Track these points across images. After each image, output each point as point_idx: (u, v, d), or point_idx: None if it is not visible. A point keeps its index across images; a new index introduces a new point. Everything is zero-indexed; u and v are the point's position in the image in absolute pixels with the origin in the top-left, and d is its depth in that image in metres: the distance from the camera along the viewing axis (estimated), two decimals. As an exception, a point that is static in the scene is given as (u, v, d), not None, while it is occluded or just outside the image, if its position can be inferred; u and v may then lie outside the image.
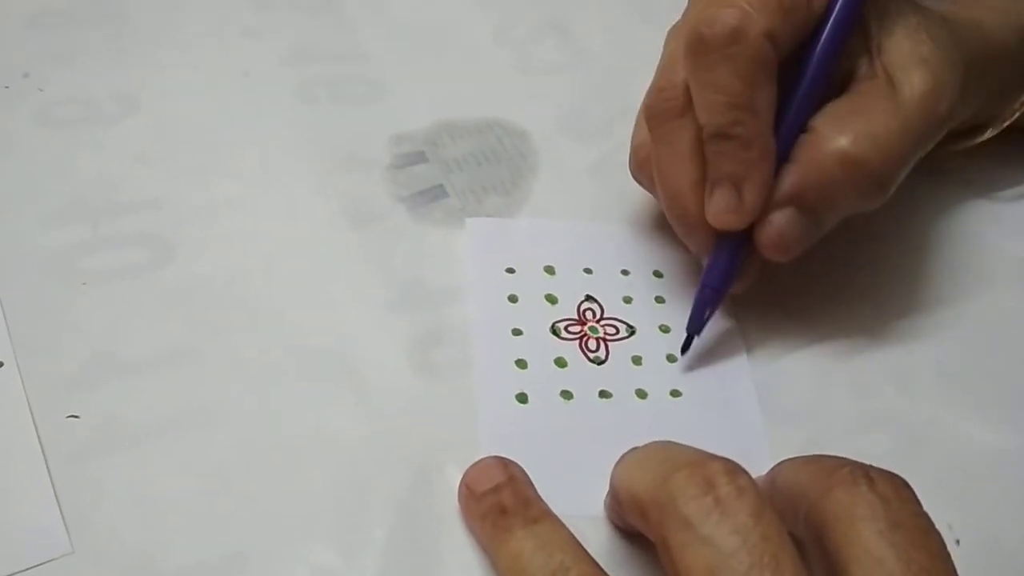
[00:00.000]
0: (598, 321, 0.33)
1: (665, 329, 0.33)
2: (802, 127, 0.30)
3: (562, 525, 0.26)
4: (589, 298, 0.34)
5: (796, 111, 0.30)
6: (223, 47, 0.41)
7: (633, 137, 0.34)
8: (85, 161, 0.36)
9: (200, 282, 0.33)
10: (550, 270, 0.34)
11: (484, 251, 0.35)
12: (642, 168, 0.34)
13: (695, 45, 0.29)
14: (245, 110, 0.39)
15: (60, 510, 0.27)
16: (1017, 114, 0.36)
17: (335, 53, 0.42)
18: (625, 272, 0.35)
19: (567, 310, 0.33)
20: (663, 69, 0.32)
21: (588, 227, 0.36)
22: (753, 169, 0.29)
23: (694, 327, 0.32)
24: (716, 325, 0.34)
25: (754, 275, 0.33)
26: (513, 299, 0.33)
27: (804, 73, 0.30)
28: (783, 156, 0.30)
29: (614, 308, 0.34)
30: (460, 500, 0.28)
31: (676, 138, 0.31)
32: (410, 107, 0.40)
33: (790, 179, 0.30)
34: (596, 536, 0.28)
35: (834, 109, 0.30)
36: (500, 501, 0.26)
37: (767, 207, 0.30)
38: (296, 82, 0.40)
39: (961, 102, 0.32)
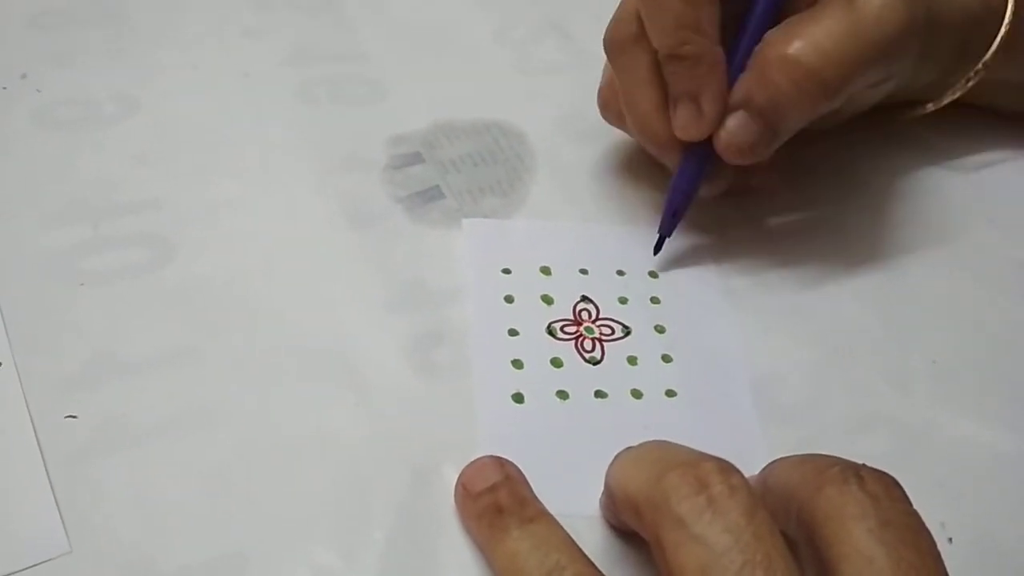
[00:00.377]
0: (594, 321, 0.33)
1: (660, 329, 0.33)
2: (759, 40, 0.32)
3: (558, 525, 0.26)
4: (585, 299, 0.34)
5: (755, 26, 0.32)
6: (223, 47, 0.41)
7: (601, 78, 0.36)
8: (85, 162, 0.36)
9: (200, 282, 0.33)
10: (546, 271, 0.35)
11: (481, 252, 0.35)
12: (608, 106, 0.36)
13: None
14: (245, 110, 0.39)
15: (59, 510, 0.27)
16: (977, 77, 0.37)
17: (335, 53, 0.42)
18: (621, 273, 0.35)
19: (563, 311, 0.34)
20: (621, 3, 0.34)
21: (584, 228, 0.36)
22: (706, 83, 0.32)
23: (665, 229, 0.35)
24: (711, 325, 0.34)
25: (723, 183, 0.35)
26: (509, 300, 0.34)
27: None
28: (742, 67, 0.32)
29: (610, 309, 0.34)
30: (456, 500, 0.28)
31: (635, 64, 0.33)
32: (409, 108, 0.40)
33: (740, 86, 0.32)
34: (591, 535, 0.28)
35: (788, 22, 0.32)
36: (496, 501, 0.26)
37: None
38: (296, 82, 0.40)
39: (921, 61, 0.34)
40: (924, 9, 0.33)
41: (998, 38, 0.36)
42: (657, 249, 0.35)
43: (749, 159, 0.33)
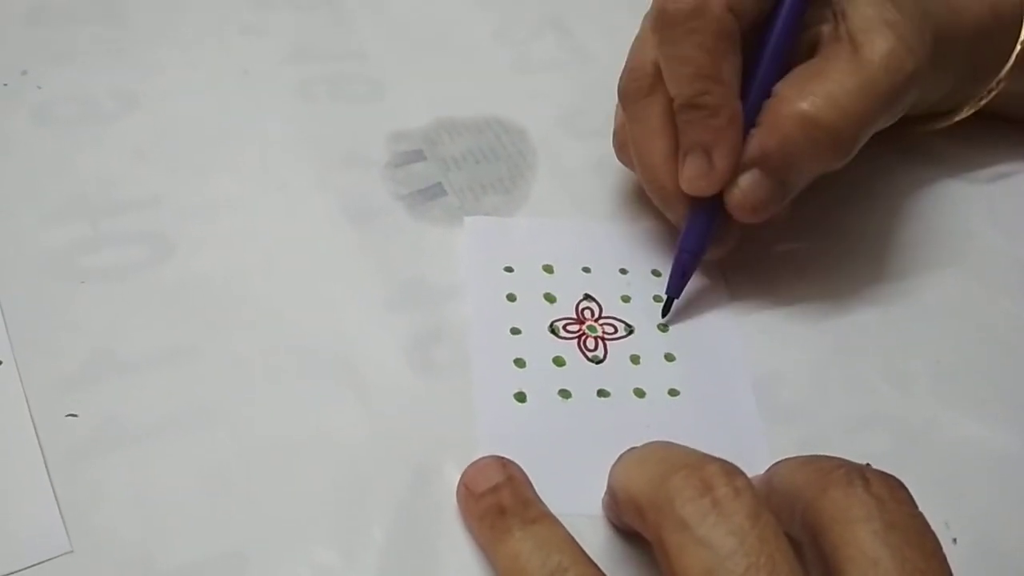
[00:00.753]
0: (596, 320, 0.33)
1: (663, 328, 0.33)
2: (767, 93, 0.31)
3: (560, 525, 0.26)
4: (587, 297, 0.34)
5: (762, 78, 0.32)
6: (222, 45, 0.41)
7: (615, 119, 0.36)
8: (84, 159, 0.36)
9: (200, 280, 0.33)
10: (548, 269, 0.34)
11: (482, 250, 0.35)
12: (623, 149, 0.35)
13: (660, 21, 0.31)
14: (245, 108, 0.39)
15: (59, 509, 0.27)
16: (992, 94, 0.37)
17: (335, 51, 0.42)
18: (623, 271, 0.35)
19: (565, 309, 0.33)
20: (635, 50, 0.34)
21: (587, 226, 0.36)
22: (721, 135, 0.31)
23: (673, 290, 0.33)
24: (714, 324, 0.34)
25: (732, 241, 0.34)
26: (511, 298, 0.33)
27: (768, 41, 0.32)
28: (750, 122, 0.31)
29: (612, 307, 0.34)
30: (459, 500, 0.28)
31: (648, 114, 0.33)
32: (409, 105, 0.40)
33: (754, 142, 0.31)
34: (594, 535, 0.28)
35: (797, 73, 0.32)
36: (499, 501, 0.26)
37: (736, 171, 0.31)
38: (296, 80, 0.40)
39: (932, 78, 0.33)
40: (931, 32, 0.32)
41: (1013, 55, 0.36)
42: (666, 311, 0.33)
43: (760, 217, 0.32)
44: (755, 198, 0.31)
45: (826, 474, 0.23)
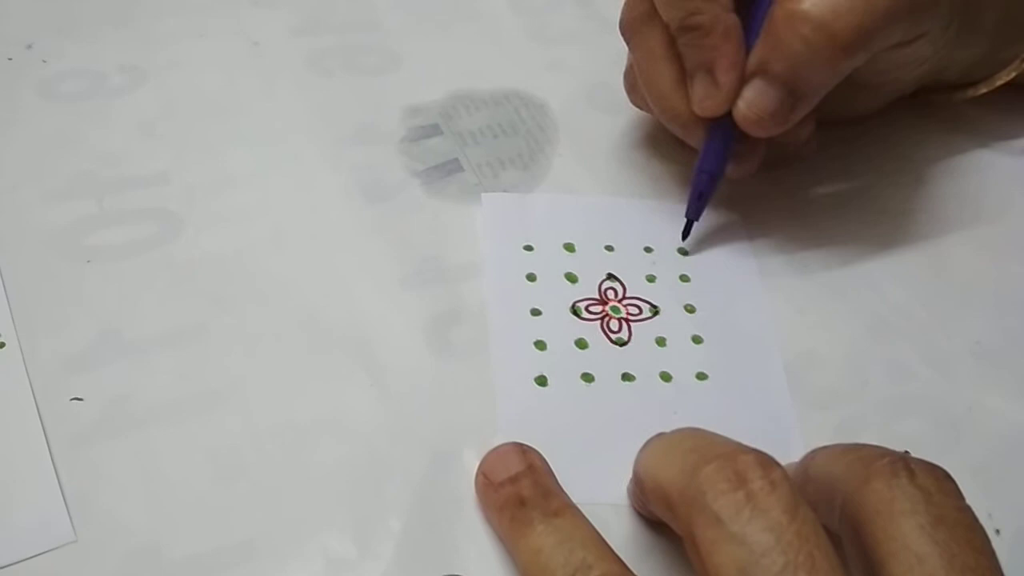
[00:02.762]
0: (620, 301, 0.32)
1: (690, 309, 0.32)
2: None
3: (584, 518, 0.25)
4: (611, 276, 0.33)
5: None
6: (232, 16, 0.40)
7: (627, 61, 0.35)
8: (90, 134, 0.35)
9: (209, 258, 0.32)
10: (570, 247, 0.33)
11: (501, 228, 0.34)
12: (635, 88, 0.35)
13: None
14: (255, 81, 0.38)
15: (63, 497, 0.26)
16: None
17: (348, 22, 0.41)
18: (648, 249, 0.34)
19: (588, 289, 0.32)
20: None
21: (609, 202, 0.35)
22: (720, 53, 0.30)
23: (692, 212, 0.33)
24: (743, 305, 0.32)
25: (754, 161, 0.33)
26: (531, 278, 0.32)
27: None
28: (757, 34, 0.30)
29: (637, 287, 0.32)
30: (477, 489, 0.27)
31: (649, 43, 0.32)
32: (425, 78, 0.39)
33: (755, 51, 0.30)
34: (618, 524, 0.27)
35: None
36: (519, 492, 0.25)
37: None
38: (307, 52, 0.39)
39: (962, 36, 0.32)
40: None
41: None
42: (685, 234, 0.33)
43: (772, 130, 0.31)
44: (761, 109, 0.30)
45: (868, 464, 0.22)
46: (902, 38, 0.31)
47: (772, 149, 0.33)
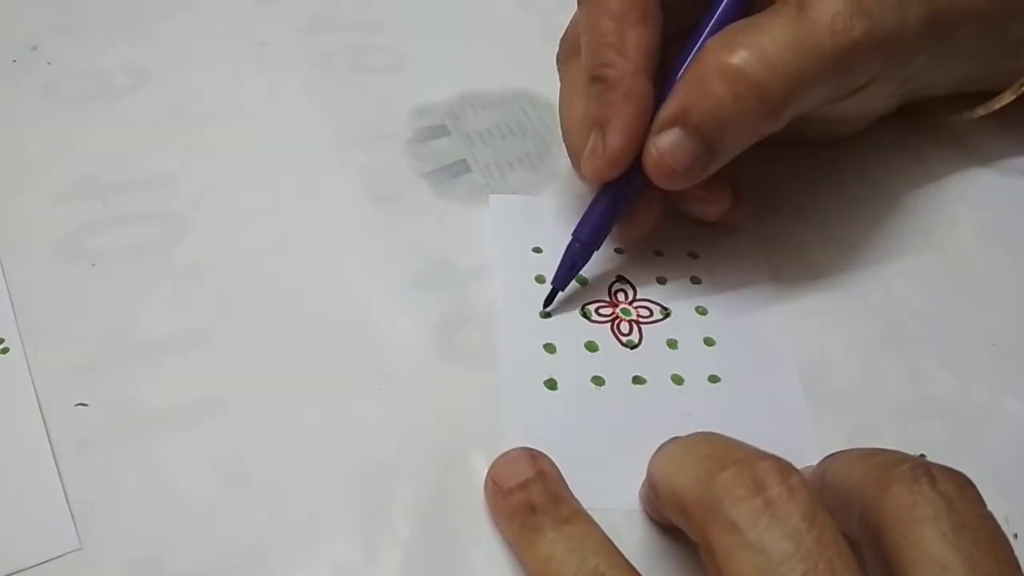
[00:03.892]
0: (630, 303, 0.32)
1: (702, 311, 0.32)
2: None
3: (595, 525, 0.24)
4: (621, 279, 0.32)
5: (699, 42, 0.29)
6: (237, 15, 0.40)
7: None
8: (95, 136, 0.35)
9: (215, 262, 0.32)
10: (579, 249, 0.33)
11: (509, 229, 0.33)
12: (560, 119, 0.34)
13: None
14: (261, 81, 0.38)
15: (68, 504, 0.25)
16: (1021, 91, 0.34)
17: (354, 20, 0.41)
18: (658, 252, 0.33)
19: (598, 291, 0.32)
20: (574, 15, 0.32)
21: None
22: (616, 112, 0.29)
23: (559, 281, 0.31)
24: (755, 307, 0.32)
25: (646, 224, 0.32)
26: (540, 280, 0.32)
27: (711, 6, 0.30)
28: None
29: (647, 289, 0.32)
30: (486, 496, 0.26)
31: (571, 77, 0.32)
32: (432, 77, 0.39)
33: (674, 98, 0.29)
34: (631, 530, 0.26)
35: (730, 29, 0.29)
36: (529, 498, 0.25)
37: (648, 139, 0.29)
38: (314, 51, 0.39)
39: (942, 59, 0.31)
40: (921, 5, 0.29)
41: None
42: (548, 302, 0.31)
43: (681, 183, 0.29)
44: (674, 160, 0.28)
45: (888, 470, 0.21)
46: (831, 95, 0.30)
47: (698, 208, 0.32)
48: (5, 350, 0.28)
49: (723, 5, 0.29)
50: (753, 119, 0.28)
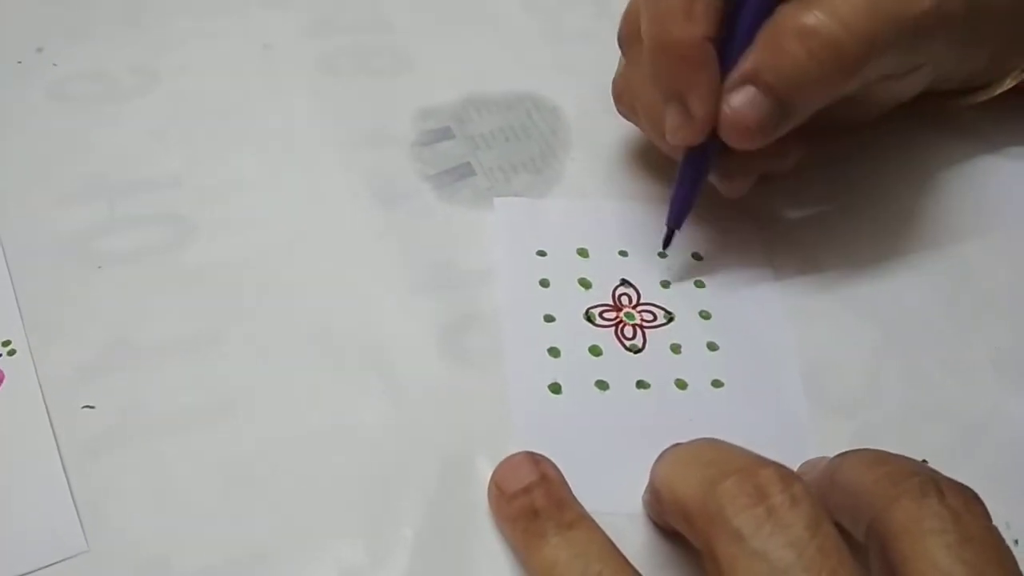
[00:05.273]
0: (634, 307, 0.32)
1: (706, 315, 0.32)
2: (765, 13, 0.29)
3: (599, 530, 0.24)
4: (625, 282, 0.32)
5: (753, 8, 0.29)
6: (242, 18, 0.40)
7: (616, 70, 0.34)
8: (101, 138, 0.35)
9: (221, 264, 0.32)
10: (583, 253, 0.33)
11: (514, 232, 0.33)
12: (620, 98, 0.34)
13: None
14: (266, 84, 0.38)
15: (75, 506, 0.26)
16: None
17: (359, 23, 0.41)
18: (663, 255, 0.33)
19: (602, 295, 0.32)
20: None
21: (623, 207, 0.35)
22: (693, 79, 0.29)
23: (673, 221, 0.32)
24: (759, 312, 0.32)
25: (745, 178, 0.32)
26: (545, 283, 0.32)
27: None
28: (748, 44, 0.29)
29: (651, 293, 0.32)
30: (490, 500, 0.26)
31: (642, 59, 0.30)
32: (436, 80, 0.39)
33: (748, 58, 0.29)
34: (634, 535, 0.26)
35: None
36: (532, 503, 0.25)
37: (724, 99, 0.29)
38: (318, 54, 0.39)
39: (965, 49, 0.31)
40: None
41: None
42: (666, 243, 0.32)
43: (756, 142, 0.29)
44: (749, 117, 0.28)
45: (897, 482, 0.21)
46: (898, 68, 0.30)
47: (767, 165, 0.32)
48: (12, 352, 0.29)
49: None
50: (827, 78, 0.28)
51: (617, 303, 0.32)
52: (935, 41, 0.30)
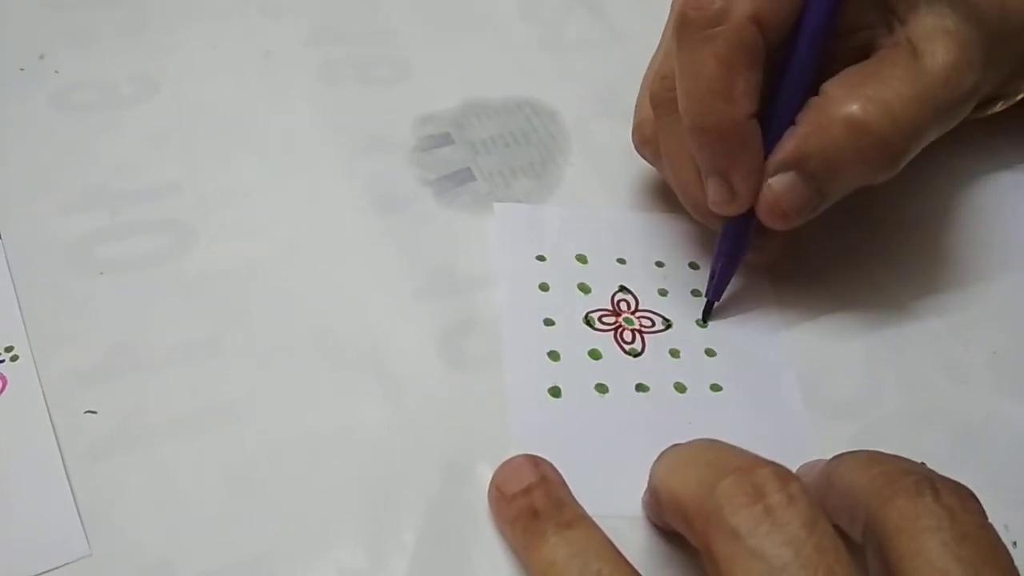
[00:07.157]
0: (633, 312, 0.32)
1: (703, 324, 0.32)
2: (806, 90, 0.29)
3: (598, 529, 0.24)
4: (623, 289, 0.32)
5: (794, 75, 0.29)
6: (243, 27, 0.40)
7: (636, 112, 0.34)
8: (102, 146, 0.35)
9: (222, 270, 0.32)
10: (582, 259, 0.33)
11: (513, 238, 0.33)
12: (646, 144, 0.33)
13: (680, 26, 0.28)
14: (267, 91, 0.38)
15: (78, 511, 0.26)
16: None
17: (359, 31, 0.41)
18: (660, 264, 0.33)
19: (601, 300, 0.32)
20: (667, 53, 0.31)
21: (621, 215, 0.35)
22: (736, 159, 0.28)
23: (713, 293, 0.32)
24: (756, 317, 0.32)
25: (773, 250, 0.32)
26: (544, 287, 0.32)
27: (802, 34, 0.29)
28: (788, 121, 0.29)
29: (649, 300, 0.32)
30: (490, 502, 0.26)
31: (680, 129, 0.30)
32: (436, 87, 0.39)
33: (792, 143, 0.28)
34: (634, 537, 0.27)
35: (849, 73, 0.29)
36: (531, 504, 0.25)
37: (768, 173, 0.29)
38: (319, 62, 0.39)
39: (983, 79, 0.30)
40: (984, 41, 0.29)
41: None
42: (706, 315, 0.32)
43: (791, 224, 0.29)
44: (787, 203, 0.29)
45: (893, 482, 0.21)
46: (940, 133, 0.30)
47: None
48: (15, 358, 0.29)
49: (809, 38, 0.29)
50: (872, 169, 0.29)
51: (616, 308, 0.32)
52: (969, 108, 0.30)
